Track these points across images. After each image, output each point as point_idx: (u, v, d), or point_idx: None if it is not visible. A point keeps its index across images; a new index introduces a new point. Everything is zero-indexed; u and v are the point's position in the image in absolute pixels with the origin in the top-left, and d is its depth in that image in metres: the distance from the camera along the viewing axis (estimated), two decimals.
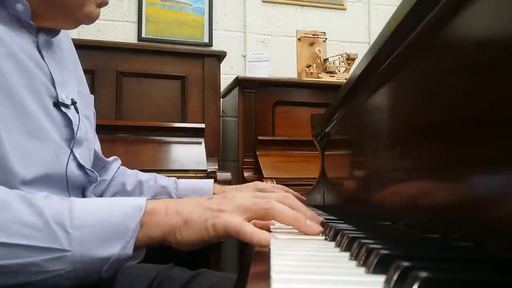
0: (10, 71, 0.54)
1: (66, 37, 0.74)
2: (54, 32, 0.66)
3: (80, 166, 0.64)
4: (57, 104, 0.61)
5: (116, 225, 0.46)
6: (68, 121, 0.63)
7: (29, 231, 0.43)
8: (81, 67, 0.80)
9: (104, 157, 0.87)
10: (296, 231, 0.49)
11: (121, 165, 0.93)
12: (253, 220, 0.50)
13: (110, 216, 0.46)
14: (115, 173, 0.90)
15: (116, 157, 0.92)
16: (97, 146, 0.84)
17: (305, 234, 0.48)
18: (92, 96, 0.79)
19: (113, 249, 0.45)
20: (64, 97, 0.63)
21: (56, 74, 0.63)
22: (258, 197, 0.51)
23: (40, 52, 0.62)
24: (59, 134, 0.61)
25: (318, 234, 0.48)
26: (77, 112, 0.65)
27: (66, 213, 0.45)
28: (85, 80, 0.80)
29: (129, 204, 0.48)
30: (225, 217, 0.47)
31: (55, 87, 0.62)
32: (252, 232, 0.45)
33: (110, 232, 0.46)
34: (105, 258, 0.45)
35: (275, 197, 0.51)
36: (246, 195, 0.51)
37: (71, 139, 0.63)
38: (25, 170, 0.53)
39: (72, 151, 0.63)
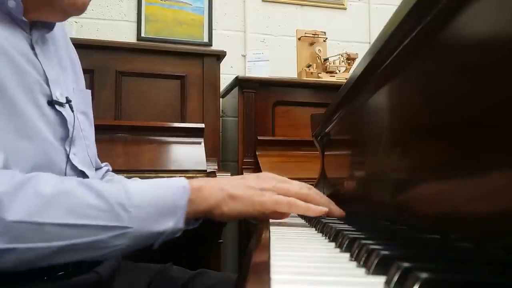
0: (2, 69, 0.54)
1: (62, 31, 0.72)
2: (48, 27, 0.64)
3: (74, 167, 0.63)
4: (51, 103, 0.60)
5: (168, 203, 0.52)
6: (63, 120, 0.62)
7: (96, 212, 0.48)
8: (79, 62, 0.79)
9: (98, 161, 0.84)
10: (295, 227, 0.56)
11: (110, 170, 0.89)
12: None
13: (162, 196, 0.53)
14: (101, 177, 0.85)
15: (106, 163, 0.88)
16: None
17: (332, 216, 0.60)
18: (89, 91, 0.77)
19: (167, 224, 0.52)
20: (59, 95, 0.62)
21: (50, 72, 0.61)
22: (289, 183, 0.60)
23: (33, 49, 0.60)
24: (53, 133, 0.60)
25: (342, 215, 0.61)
26: (72, 111, 0.64)
27: (123, 195, 0.50)
28: (82, 76, 0.78)
29: (175, 185, 0.54)
30: (272, 195, 0.56)
31: (49, 85, 0.61)
32: (307, 205, 0.55)
33: (163, 210, 0.52)
34: (160, 232, 0.52)
35: (306, 186, 0.61)
36: (278, 177, 0.61)
37: (66, 138, 0.62)
38: (15, 169, 0.52)
39: (66, 151, 0.61)
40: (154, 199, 0.52)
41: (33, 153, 0.55)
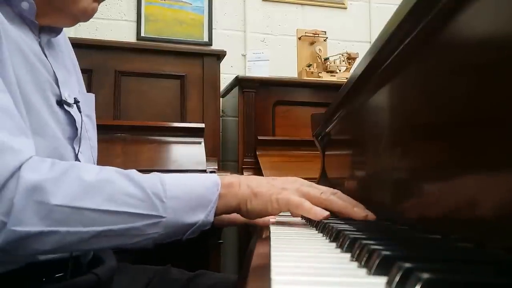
0: (17, 65, 0.55)
1: (63, 37, 0.74)
2: (55, 32, 0.66)
3: None
4: (60, 103, 0.62)
5: (200, 197, 0.55)
6: (71, 120, 0.63)
7: (133, 200, 0.51)
8: (79, 67, 0.80)
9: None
10: (295, 227, 0.57)
11: None
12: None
13: (195, 189, 0.55)
14: None
15: None
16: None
17: (355, 218, 0.59)
18: (93, 95, 0.79)
19: (199, 217, 0.54)
20: (67, 96, 0.63)
21: (59, 73, 0.63)
22: (315, 187, 0.61)
23: (43, 51, 0.62)
24: (62, 132, 0.61)
25: (366, 217, 0.59)
26: (80, 112, 0.66)
27: (160, 186, 0.53)
28: (83, 80, 0.80)
29: (207, 180, 0.57)
30: (288, 194, 0.57)
31: (58, 86, 0.62)
32: (311, 207, 0.56)
33: (195, 203, 0.54)
34: (192, 224, 0.54)
35: (330, 191, 0.61)
36: (306, 182, 0.62)
37: (74, 137, 0.63)
38: None
39: (74, 149, 0.63)
40: (188, 192, 0.54)
41: (45, 150, 0.56)
